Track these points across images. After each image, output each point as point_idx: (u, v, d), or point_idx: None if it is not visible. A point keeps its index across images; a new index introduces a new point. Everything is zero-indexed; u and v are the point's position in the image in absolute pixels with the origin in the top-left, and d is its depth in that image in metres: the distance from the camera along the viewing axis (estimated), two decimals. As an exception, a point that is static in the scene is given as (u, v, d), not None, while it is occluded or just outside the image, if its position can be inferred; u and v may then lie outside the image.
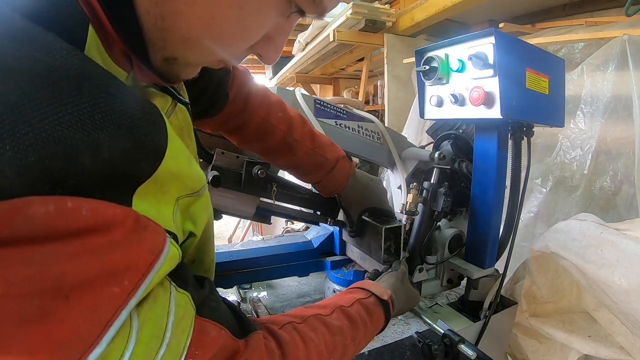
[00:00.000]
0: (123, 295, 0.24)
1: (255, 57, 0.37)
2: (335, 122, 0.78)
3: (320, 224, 0.87)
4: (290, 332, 0.44)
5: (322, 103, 0.76)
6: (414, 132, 1.57)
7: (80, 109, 0.22)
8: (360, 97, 2.42)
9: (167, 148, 0.28)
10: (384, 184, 1.80)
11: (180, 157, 0.30)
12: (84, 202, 0.22)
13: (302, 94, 0.74)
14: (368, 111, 0.87)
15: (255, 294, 0.93)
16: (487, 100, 0.66)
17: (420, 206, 0.77)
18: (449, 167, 0.79)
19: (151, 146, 0.27)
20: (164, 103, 0.38)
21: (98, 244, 0.23)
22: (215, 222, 0.47)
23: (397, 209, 0.90)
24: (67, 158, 0.21)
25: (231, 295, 0.92)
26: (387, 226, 0.73)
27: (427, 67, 0.75)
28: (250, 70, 0.66)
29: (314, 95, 0.78)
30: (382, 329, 0.58)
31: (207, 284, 0.37)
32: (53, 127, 0.20)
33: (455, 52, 0.71)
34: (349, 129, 0.80)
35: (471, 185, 0.79)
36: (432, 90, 0.78)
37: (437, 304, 0.85)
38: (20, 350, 0.21)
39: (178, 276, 0.31)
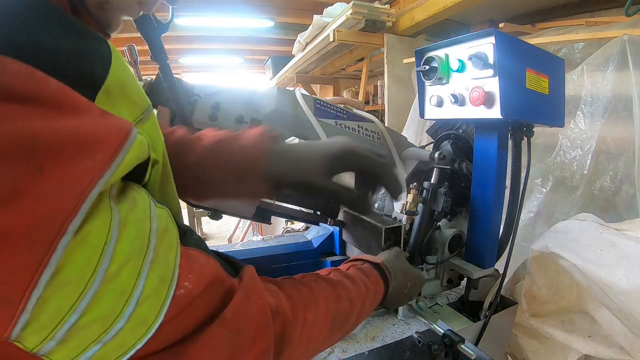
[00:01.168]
0: (96, 168, 0.24)
1: (255, 57, 0.37)
2: (335, 122, 0.78)
3: (320, 224, 0.87)
4: (291, 281, 0.44)
5: (322, 103, 0.76)
6: (414, 132, 1.57)
7: (43, 21, 0.26)
8: (360, 97, 2.42)
9: (112, 58, 0.30)
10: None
11: (124, 68, 0.31)
12: (52, 79, 0.24)
13: (302, 94, 0.74)
14: (368, 111, 0.87)
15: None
16: (487, 100, 0.66)
17: (420, 206, 0.77)
18: (449, 167, 0.79)
19: (99, 52, 0.29)
20: None
21: (69, 116, 0.24)
22: (215, 222, 0.47)
23: (397, 209, 0.90)
24: (33, 45, 0.24)
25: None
26: (388, 226, 0.73)
27: (427, 67, 0.75)
28: (250, 70, 0.66)
29: (314, 95, 0.78)
30: (385, 296, 0.57)
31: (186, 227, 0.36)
32: (19, 27, 0.24)
33: (455, 52, 0.71)
34: (349, 129, 0.80)
35: (471, 185, 0.79)
36: (432, 90, 0.78)
37: (437, 304, 0.85)
38: None
39: (153, 197, 0.32)
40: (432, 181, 0.79)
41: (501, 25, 1.39)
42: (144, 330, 0.27)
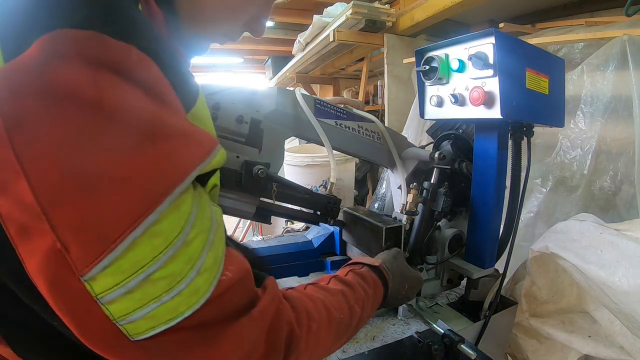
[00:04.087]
0: (198, 156, 0.30)
1: (255, 57, 0.39)
2: (335, 122, 0.78)
3: (320, 224, 0.87)
4: (294, 293, 0.46)
5: (322, 103, 0.76)
6: (414, 132, 1.57)
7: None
8: (360, 97, 2.42)
9: (198, 94, 0.35)
10: (384, 184, 1.80)
11: (204, 107, 0.37)
12: (173, 91, 0.31)
13: (302, 94, 0.74)
14: (368, 111, 0.87)
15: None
16: (487, 100, 0.66)
17: (420, 206, 0.77)
18: (449, 167, 0.79)
19: (191, 83, 0.34)
20: None
21: (181, 119, 0.30)
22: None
23: (397, 209, 0.90)
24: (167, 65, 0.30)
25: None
26: (388, 226, 0.73)
27: (427, 67, 0.75)
28: (250, 70, 0.66)
29: (314, 95, 0.77)
30: (385, 298, 0.58)
31: None
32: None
33: (455, 52, 0.71)
34: (349, 129, 0.80)
35: (471, 185, 0.79)
36: (432, 90, 0.78)
37: (437, 304, 0.85)
38: (115, 176, 0.25)
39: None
40: (432, 181, 0.79)
41: (501, 25, 1.39)
42: (195, 299, 0.29)
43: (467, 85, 0.70)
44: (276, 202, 0.72)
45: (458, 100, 0.71)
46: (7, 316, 0.32)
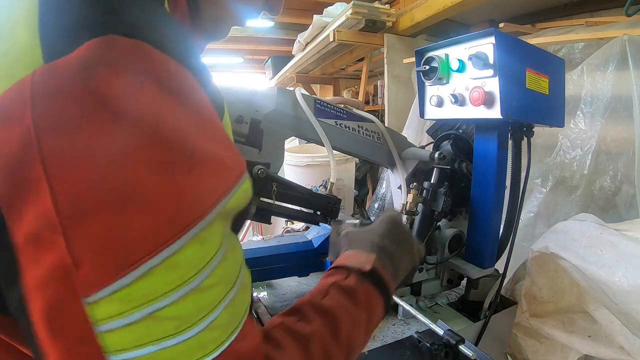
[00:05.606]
0: (226, 185, 0.29)
1: (255, 57, 0.40)
2: (335, 122, 0.78)
3: (320, 224, 0.87)
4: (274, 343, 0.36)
5: (322, 103, 0.76)
6: (414, 132, 1.57)
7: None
8: (360, 97, 2.42)
9: (224, 99, 0.35)
10: (384, 183, 1.79)
11: (227, 113, 0.37)
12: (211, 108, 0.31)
13: (302, 94, 0.74)
14: (368, 111, 0.87)
15: (255, 294, 0.93)
16: (487, 100, 0.66)
17: (420, 206, 0.77)
18: (449, 167, 0.79)
19: (219, 93, 0.34)
20: None
21: (214, 141, 0.29)
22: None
23: (397, 208, 0.90)
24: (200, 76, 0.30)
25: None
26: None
27: (427, 67, 0.75)
28: (250, 70, 0.66)
29: (314, 95, 0.77)
30: (387, 307, 0.44)
31: None
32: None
33: (455, 52, 0.71)
34: (349, 129, 0.80)
35: (471, 185, 0.79)
36: (432, 90, 0.78)
37: (437, 304, 0.85)
38: (146, 198, 0.24)
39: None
40: (432, 181, 0.79)
41: (501, 25, 1.39)
42: (200, 354, 0.26)
43: (467, 85, 0.70)
44: (276, 202, 0.72)
45: (458, 100, 0.71)
46: None
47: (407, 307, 0.74)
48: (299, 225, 1.29)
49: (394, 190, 0.94)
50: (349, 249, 0.48)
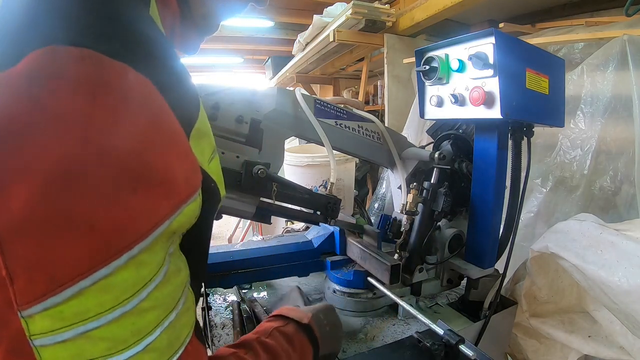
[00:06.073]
0: (170, 207, 0.28)
1: (255, 57, 0.40)
2: (335, 122, 0.78)
3: (320, 224, 0.87)
4: None
5: (322, 103, 0.76)
6: (414, 132, 1.57)
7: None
8: (360, 97, 2.42)
9: (200, 104, 0.35)
10: (384, 183, 1.79)
11: (205, 116, 0.36)
12: (174, 123, 0.30)
13: (302, 94, 0.74)
14: (368, 111, 0.87)
15: (255, 294, 0.93)
16: (487, 100, 0.66)
17: (420, 206, 0.77)
18: (449, 167, 0.79)
19: (193, 95, 0.33)
20: None
21: (170, 155, 0.28)
22: (215, 222, 0.47)
23: (397, 209, 0.90)
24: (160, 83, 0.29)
25: (231, 295, 0.92)
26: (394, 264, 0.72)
27: (427, 67, 0.75)
28: (250, 70, 0.66)
29: (314, 95, 0.77)
30: (315, 357, 0.51)
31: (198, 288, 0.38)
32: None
33: (455, 52, 0.71)
34: (349, 129, 0.80)
35: (471, 185, 0.79)
36: (432, 90, 0.78)
37: (437, 304, 0.85)
38: (85, 222, 0.23)
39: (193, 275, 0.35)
40: (432, 181, 0.79)
41: (501, 25, 1.39)
42: None
43: (467, 85, 0.70)
44: (276, 202, 0.72)
45: (458, 100, 0.71)
46: None
47: (407, 307, 0.74)
48: (299, 225, 1.29)
49: (394, 190, 0.94)
50: (291, 305, 0.55)
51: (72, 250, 0.24)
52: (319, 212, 0.80)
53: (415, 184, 0.78)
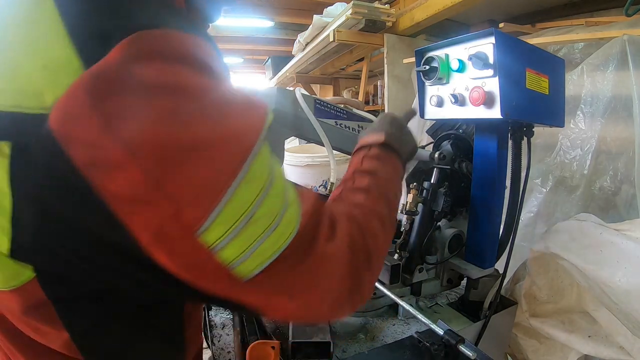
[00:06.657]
0: (264, 109, 0.34)
1: (254, 57, 0.41)
2: (335, 122, 0.78)
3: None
4: (346, 205, 0.47)
5: (322, 103, 0.76)
6: (414, 132, 1.57)
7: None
8: (360, 97, 2.42)
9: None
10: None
11: None
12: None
13: (302, 93, 0.74)
14: (368, 111, 0.87)
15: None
16: (487, 100, 0.66)
17: (420, 206, 0.77)
18: (449, 167, 0.79)
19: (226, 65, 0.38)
20: None
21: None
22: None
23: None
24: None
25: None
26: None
27: (427, 67, 0.75)
28: (250, 70, 0.66)
29: (314, 95, 0.77)
30: (403, 164, 0.59)
31: None
32: None
33: (455, 52, 0.71)
34: (349, 129, 0.80)
35: (471, 185, 0.79)
36: (432, 90, 0.78)
37: (437, 304, 0.85)
38: (211, 139, 0.29)
39: None
40: (432, 181, 0.79)
41: (501, 25, 1.39)
42: (290, 229, 0.33)
43: (467, 85, 0.70)
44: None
45: (458, 100, 0.71)
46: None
47: (407, 307, 0.74)
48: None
49: (394, 190, 0.93)
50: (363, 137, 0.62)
51: (213, 164, 0.29)
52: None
53: (415, 183, 0.78)
